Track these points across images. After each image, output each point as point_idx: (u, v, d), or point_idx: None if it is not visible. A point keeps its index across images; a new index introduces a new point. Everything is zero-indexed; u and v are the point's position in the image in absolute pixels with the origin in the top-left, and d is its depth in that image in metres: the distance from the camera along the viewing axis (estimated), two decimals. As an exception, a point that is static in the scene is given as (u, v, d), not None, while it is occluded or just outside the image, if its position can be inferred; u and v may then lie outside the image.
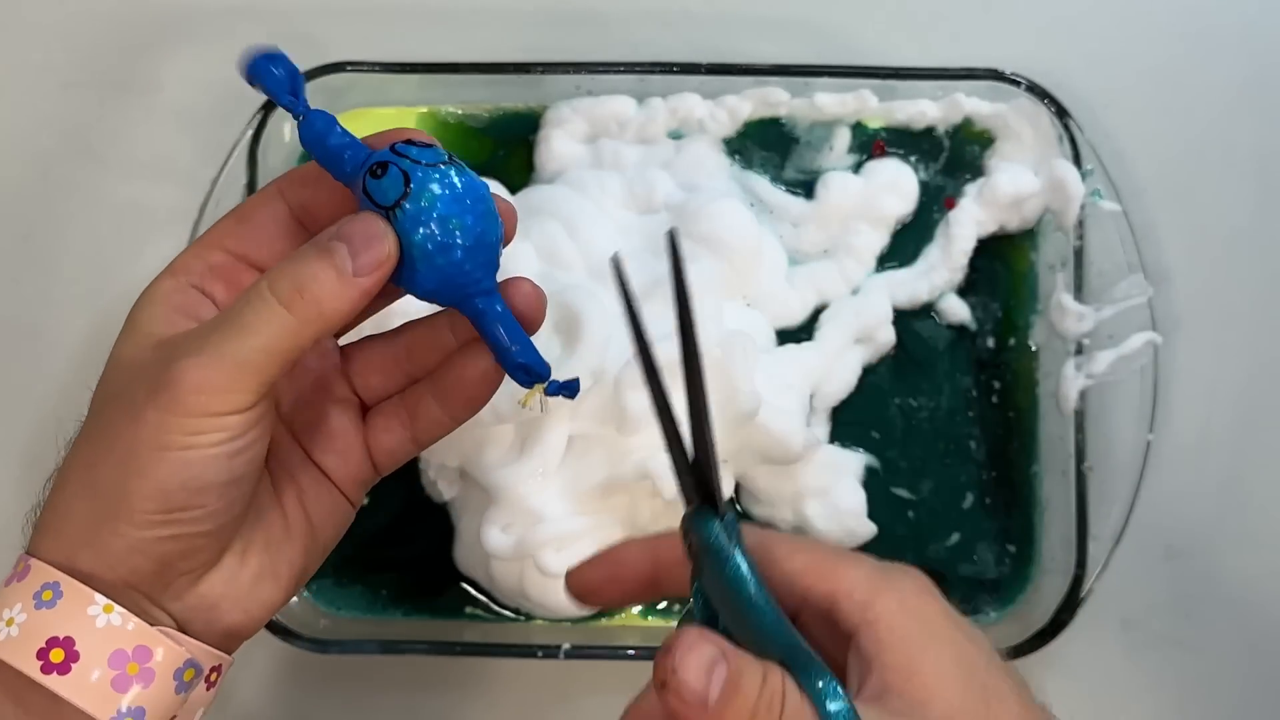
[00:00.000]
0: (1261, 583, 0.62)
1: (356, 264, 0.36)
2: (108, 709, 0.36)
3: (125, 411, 0.36)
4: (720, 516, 0.34)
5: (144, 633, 0.37)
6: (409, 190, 0.36)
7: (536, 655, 0.57)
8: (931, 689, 0.33)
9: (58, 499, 0.38)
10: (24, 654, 0.36)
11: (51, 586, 0.36)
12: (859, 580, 0.35)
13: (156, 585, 0.37)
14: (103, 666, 0.36)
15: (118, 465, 0.36)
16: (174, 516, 0.36)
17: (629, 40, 0.65)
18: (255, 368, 0.36)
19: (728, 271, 0.58)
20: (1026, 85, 0.60)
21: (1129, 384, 0.59)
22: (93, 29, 0.66)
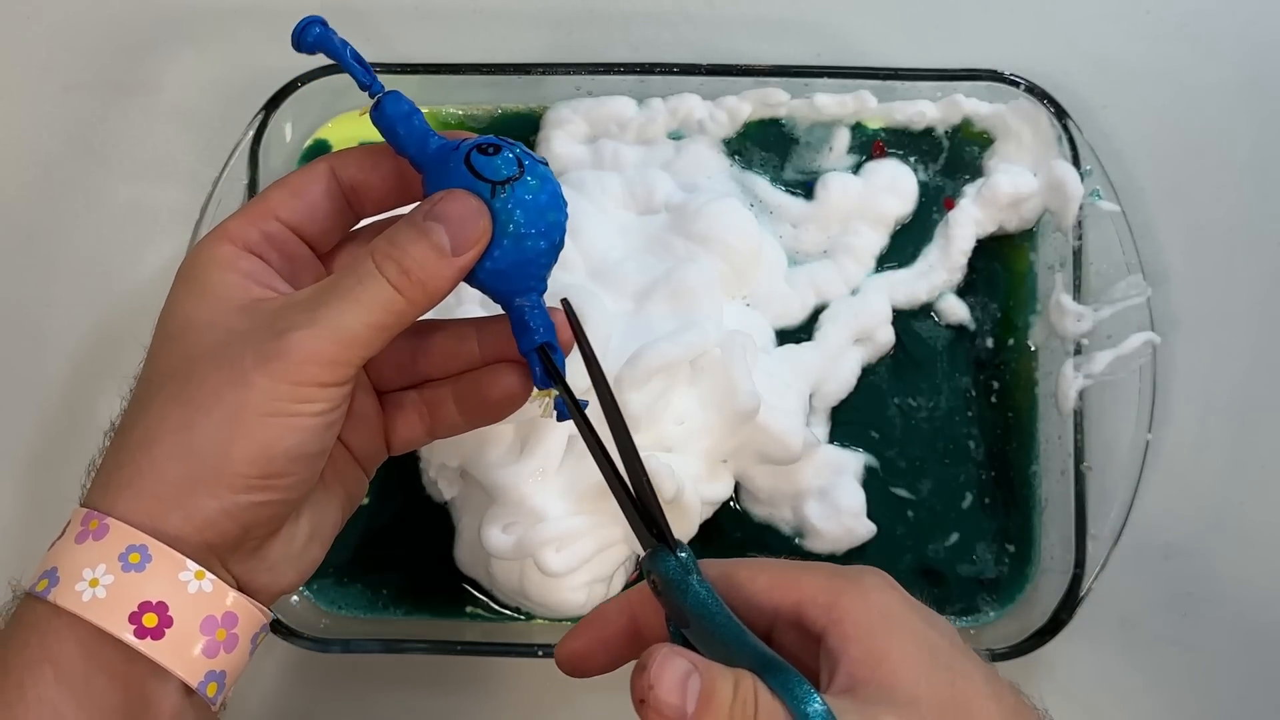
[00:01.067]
0: (1259, 582, 0.62)
1: (454, 242, 0.38)
2: (196, 674, 0.37)
3: (229, 375, 0.37)
4: (673, 552, 0.36)
5: (231, 598, 0.38)
6: (522, 172, 0.38)
7: (537, 654, 0.57)
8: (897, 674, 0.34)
9: (142, 459, 0.38)
10: (115, 617, 0.36)
11: (138, 549, 0.36)
12: (820, 585, 0.36)
13: (231, 548, 0.38)
14: (194, 632, 0.37)
15: (219, 428, 0.37)
16: (270, 483, 0.37)
17: (629, 41, 0.65)
18: (362, 342, 0.37)
19: (727, 271, 0.58)
20: (1025, 86, 0.60)
21: (1127, 384, 0.59)
22: (94, 30, 0.66)
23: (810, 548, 0.59)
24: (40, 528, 0.63)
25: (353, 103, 0.62)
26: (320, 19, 0.42)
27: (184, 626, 0.36)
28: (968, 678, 0.35)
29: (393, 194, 0.42)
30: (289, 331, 0.37)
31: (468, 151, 0.39)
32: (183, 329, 0.40)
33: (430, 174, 0.40)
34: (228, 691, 0.39)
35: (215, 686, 0.37)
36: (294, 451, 0.38)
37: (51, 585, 0.37)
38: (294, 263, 0.42)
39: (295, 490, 0.39)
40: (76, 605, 0.36)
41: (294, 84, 0.60)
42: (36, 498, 0.63)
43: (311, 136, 0.63)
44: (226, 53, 0.65)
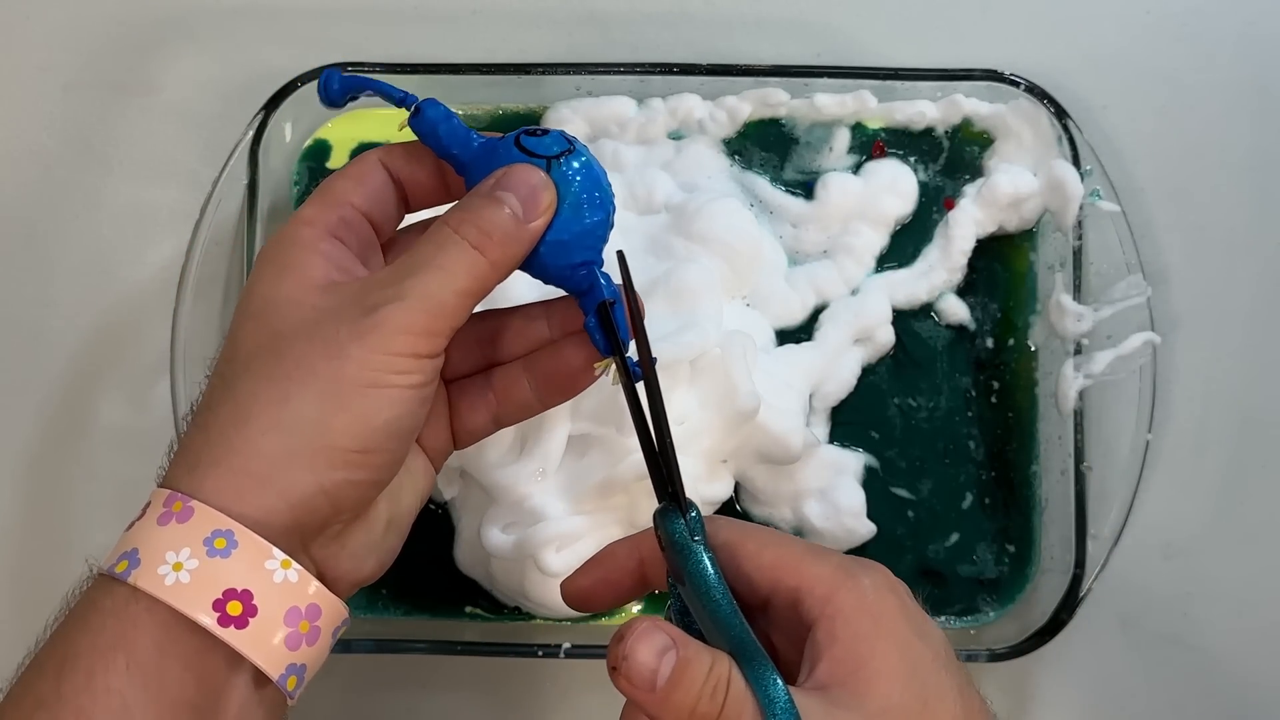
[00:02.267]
0: (1259, 582, 0.62)
1: (526, 210, 0.39)
2: (278, 666, 0.36)
3: (323, 349, 0.37)
4: (684, 513, 0.37)
5: (317, 591, 0.37)
6: (573, 148, 0.40)
7: (537, 654, 0.57)
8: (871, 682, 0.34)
9: (235, 436, 0.37)
10: (199, 603, 0.35)
11: (224, 535, 0.35)
12: (823, 576, 0.37)
13: (317, 530, 0.38)
14: (278, 623, 0.36)
15: (317, 401, 0.36)
16: (368, 458, 0.37)
17: (629, 41, 0.65)
18: (451, 310, 0.38)
19: (727, 271, 0.58)
20: (1025, 86, 0.60)
21: (1128, 384, 0.59)
22: (94, 30, 0.66)
23: (810, 548, 0.59)
24: (40, 527, 0.63)
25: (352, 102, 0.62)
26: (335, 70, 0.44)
27: (268, 616, 0.36)
28: (940, 696, 0.36)
29: (436, 192, 0.43)
30: (380, 306, 0.37)
31: (516, 136, 0.41)
32: (268, 306, 0.39)
33: (476, 167, 0.41)
34: (305, 685, 0.38)
35: (295, 680, 0.37)
36: (392, 425, 0.37)
37: (132, 567, 0.36)
38: (367, 248, 0.43)
39: (388, 470, 0.39)
40: (159, 589, 0.35)
41: (294, 84, 0.60)
42: (36, 498, 0.63)
43: (311, 136, 0.63)
44: (226, 53, 0.65)
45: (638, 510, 0.56)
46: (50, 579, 0.62)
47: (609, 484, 0.55)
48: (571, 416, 0.54)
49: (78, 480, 0.63)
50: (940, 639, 0.38)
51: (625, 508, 0.56)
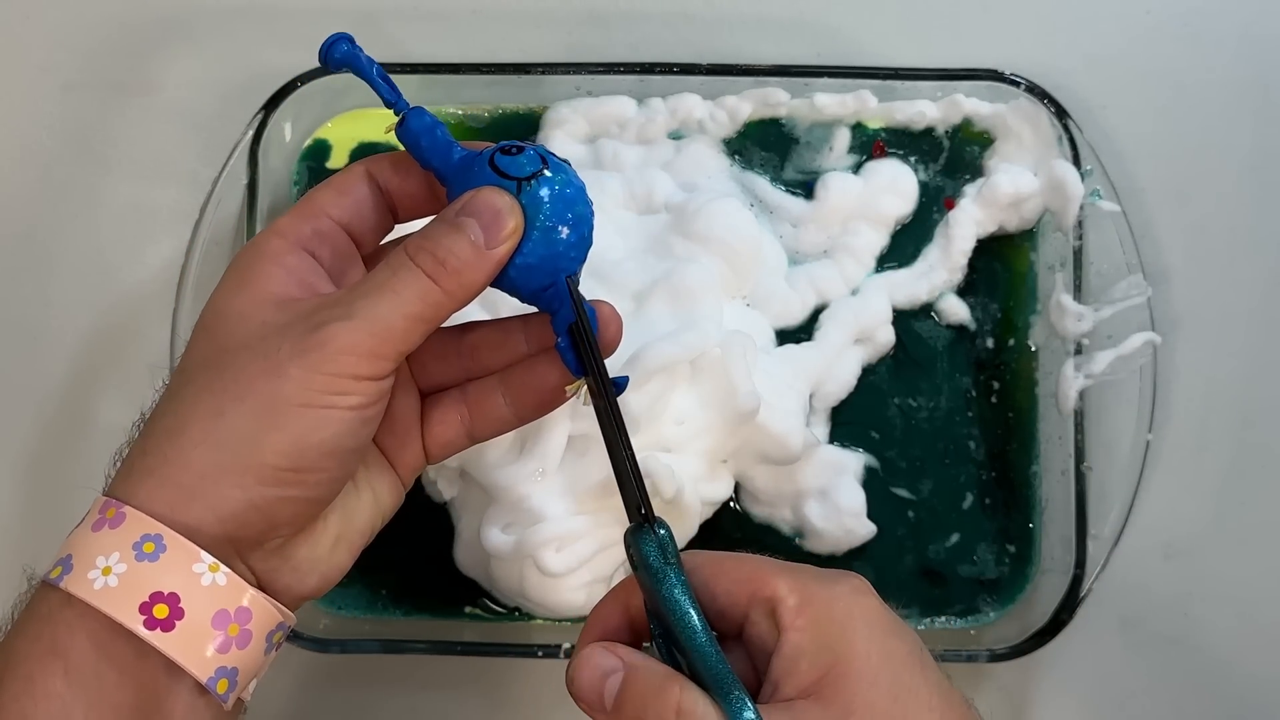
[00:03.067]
0: (1260, 582, 0.62)
1: (488, 236, 0.38)
2: (206, 669, 0.36)
3: (263, 366, 0.37)
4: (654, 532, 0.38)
5: (245, 593, 0.37)
6: (545, 166, 0.39)
7: (536, 654, 0.57)
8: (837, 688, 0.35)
9: (168, 447, 0.37)
10: (125, 606, 0.35)
11: (153, 539, 0.36)
12: (795, 586, 0.37)
13: (254, 544, 0.38)
14: (206, 626, 0.36)
15: (251, 417, 0.36)
16: (301, 477, 0.37)
17: (629, 41, 0.65)
18: (400, 334, 0.37)
19: (727, 271, 0.58)
20: (1026, 86, 0.60)
21: (1128, 384, 0.59)
22: (93, 30, 0.66)
23: (810, 548, 0.59)
24: (40, 528, 0.63)
25: (352, 102, 0.62)
26: (348, 36, 0.42)
27: (195, 619, 0.36)
28: (913, 692, 0.36)
29: (424, 203, 0.43)
30: (325, 324, 0.37)
31: (491, 154, 0.40)
32: (219, 319, 0.39)
33: (455, 182, 0.40)
34: (241, 690, 0.38)
35: (226, 684, 0.37)
36: (327, 445, 0.37)
37: (65, 572, 0.36)
38: (343, 260, 0.42)
39: (325, 488, 0.38)
40: (88, 593, 0.35)
41: (294, 84, 0.60)
42: (36, 498, 0.63)
43: (311, 136, 0.63)
44: (226, 53, 0.65)
45: (637, 510, 0.56)
46: (50, 579, 0.63)
47: (609, 484, 0.54)
48: (571, 416, 0.54)
49: (78, 480, 0.63)
50: (916, 640, 0.38)
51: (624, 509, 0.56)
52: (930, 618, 0.60)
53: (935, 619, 0.60)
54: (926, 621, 0.60)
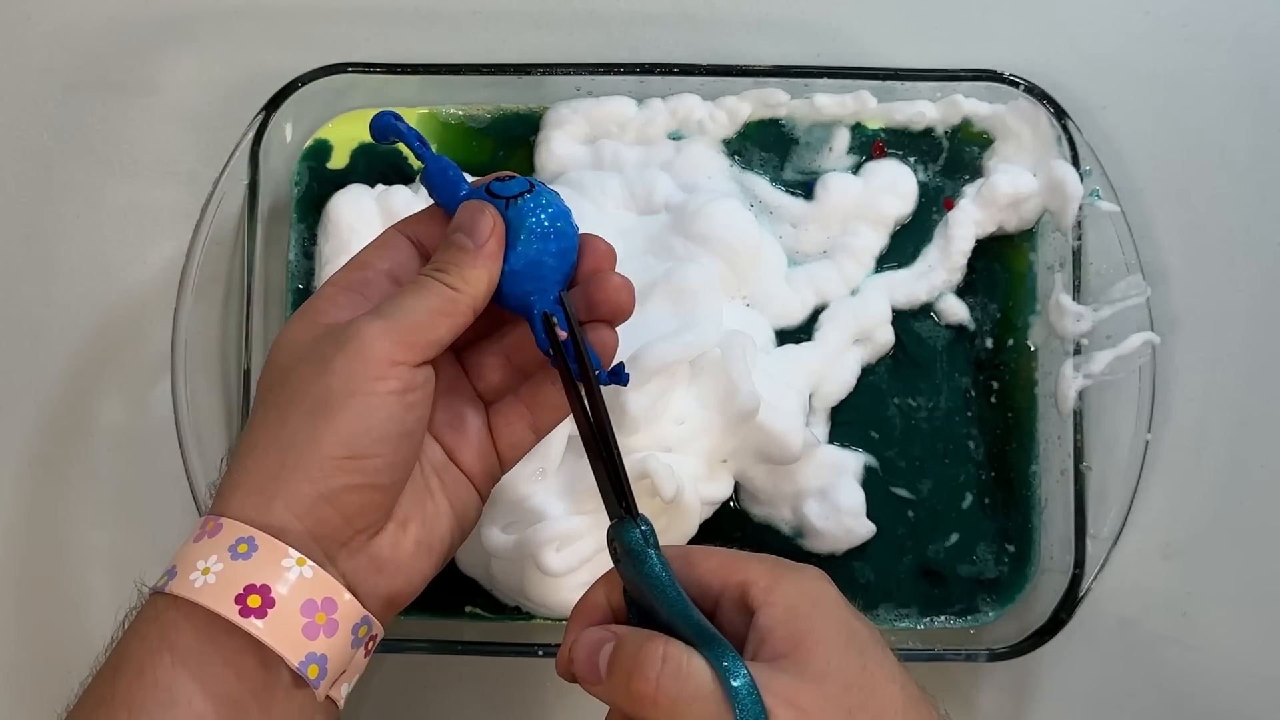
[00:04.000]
0: (1259, 582, 0.63)
1: (473, 236, 0.43)
2: (297, 653, 0.39)
3: (313, 369, 0.41)
4: (638, 525, 0.40)
5: (331, 586, 0.40)
6: (532, 189, 0.45)
7: (537, 654, 0.57)
8: (814, 652, 0.38)
9: (248, 460, 0.41)
10: (222, 599, 0.39)
11: (246, 540, 0.40)
12: (764, 570, 0.40)
13: (336, 541, 0.41)
14: (295, 613, 0.39)
15: (307, 415, 0.41)
16: (357, 464, 0.40)
17: (629, 41, 0.65)
18: (424, 324, 0.42)
19: (727, 272, 0.58)
20: (1025, 86, 0.60)
21: (1127, 384, 0.59)
22: (94, 30, 0.66)
23: (810, 548, 0.59)
24: (41, 528, 0.63)
25: (353, 103, 0.62)
26: (394, 113, 0.48)
27: (285, 608, 0.39)
28: (879, 664, 0.39)
29: None
30: (361, 324, 0.42)
31: (488, 184, 0.45)
32: (279, 348, 0.44)
33: None
34: (332, 680, 0.41)
35: (316, 669, 0.39)
36: (376, 430, 0.40)
37: (170, 579, 0.40)
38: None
39: (384, 474, 0.41)
40: (189, 591, 0.39)
41: (294, 84, 0.60)
42: (36, 498, 0.63)
43: (311, 136, 0.63)
44: (226, 53, 0.65)
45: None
46: (50, 579, 0.63)
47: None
48: (571, 417, 0.54)
49: (78, 480, 0.63)
50: (874, 628, 0.41)
51: (625, 507, 0.56)
52: (930, 617, 0.60)
53: (935, 619, 0.60)
54: (926, 621, 0.60)
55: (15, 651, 0.63)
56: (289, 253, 0.62)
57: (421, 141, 0.47)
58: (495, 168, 0.62)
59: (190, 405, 0.58)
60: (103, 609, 0.62)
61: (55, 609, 0.63)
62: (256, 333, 0.59)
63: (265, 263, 0.60)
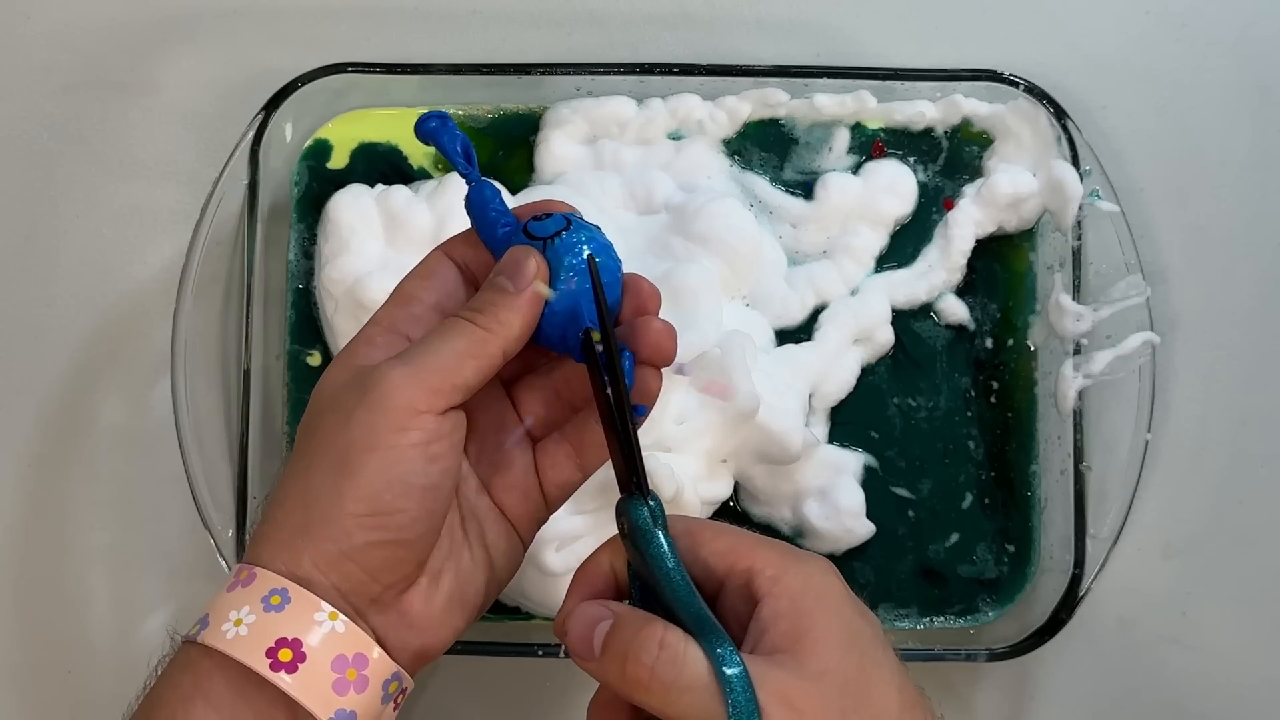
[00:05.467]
0: (1259, 582, 0.63)
1: (516, 283, 0.42)
2: (326, 710, 0.39)
3: (337, 420, 0.41)
4: (647, 503, 0.40)
5: (362, 641, 0.40)
6: (569, 226, 0.43)
7: (537, 654, 0.57)
8: (813, 649, 0.38)
9: (278, 513, 0.41)
10: (254, 652, 0.38)
11: (279, 592, 0.39)
12: (772, 559, 0.40)
13: (365, 596, 0.40)
14: (326, 668, 0.39)
15: (330, 469, 0.40)
16: (380, 520, 0.40)
17: (629, 41, 0.65)
18: (449, 368, 0.41)
19: (727, 271, 0.58)
20: (1025, 86, 0.60)
21: (1127, 384, 0.59)
22: (94, 30, 0.66)
23: (810, 547, 0.59)
24: (41, 528, 0.63)
25: (353, 103, 0.62)
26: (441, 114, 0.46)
27: (316, 662, 0.39)
28: (878, 665, 0.39)
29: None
30: (384, 372, 0.40)
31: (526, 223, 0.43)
32: (317, 392, 0.43)
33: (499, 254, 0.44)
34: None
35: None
36: (397, 486, 0.40)
37: (202, 628, 0.40)
38: None
39: (409, 530, 0.40)
40: (221, 642, 0.39)
41: (294, 84, 0.60)
42: (36, 498, 0.63)
43: (311, 136, 0.63)
44: (226, 53, 0.65)
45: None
46: (50, 579, 0.63)
47: (609, 484, 0.54)
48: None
49: (78, 480, 0.63)
50: (878, 625, 0.41)
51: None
52: (930, 617, 0.60)
53: (935, 619, 0.60)
54: (926, 621, 0.60)
55: (15, 651, 0.63)
56: (289, 253, 0.62)
57: (469, 158, 0.46)
58: (495, 167, 0.62)
59: (190, 405, 0.58)
60: (103, 609, 0.62)
61: (55, 609, 0.63)
62: (256, 333, 0.59)
63: (265, 263, 0.60)
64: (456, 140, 0.46)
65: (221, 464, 0.60)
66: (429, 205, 0.59)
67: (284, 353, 0.61)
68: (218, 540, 0.57)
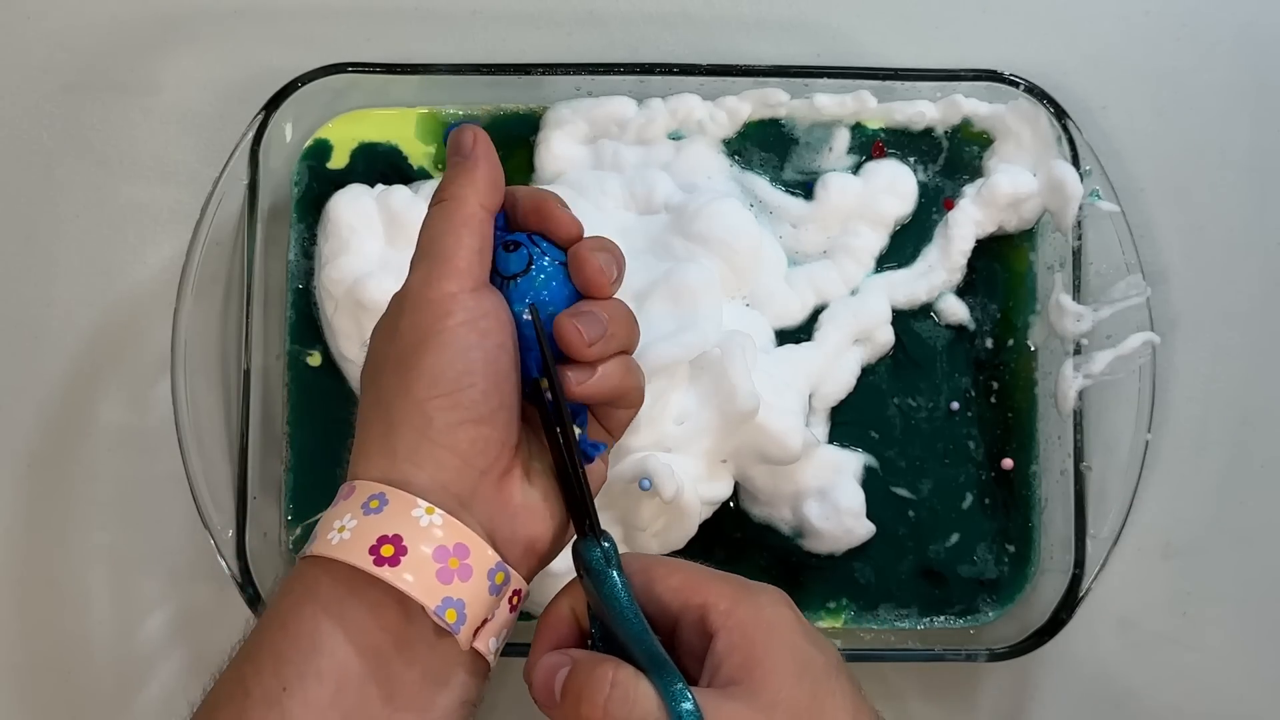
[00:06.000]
0: (1259, 582, 0.63)
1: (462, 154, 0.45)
2: (433, 598, 0.40)
3: (387, 335, 0.43)
4: (600, 544, 0.42)
5: (461, 532, 0.41)
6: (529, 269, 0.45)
7: (537, 654, 0.57)
8: (765, 680, 0.39)
9: (362, 432, 0.43)
10: (357, 551, 0.40)
11: (377, 497, 0.41)
12: (725, 593, 0.41)
13: (464, 486, 0.42)
14: (428, 560, 0.40)
15: (395, 373, 0.42)
16: (453, 398, 0.41)
17: (629, 41, 0.65)
18: (454, 247, 0.43)
19: (727, 272, 0.58)
20: (1025, 86, 0.60)
21: (1127, 384, 0.59)
22: (94, 30, 0.66)
23: (810, 548, 0.59)
24: (40, 527, 0.63)
25: (353, 103, 0.62)
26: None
27: (417, 554, 0.40)
28: (830, 694, 0.40)
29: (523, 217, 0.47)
30: (409, 281, 0.44)
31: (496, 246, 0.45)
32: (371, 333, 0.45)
33: None
34: (473, 627, 0.41)
35: (454, 614, 0.40)
36: (458, 362, 0.41)
37: (310, 542, 0.42)
38: None
39: (481, 404, 0.42)
40: (326, 549, 0.40)
41: (294, 84, 0.60)
42: (36, 498, 0.63)
43: (311, 136, 0.63)
44: (226, 53, 0.65)
45: (637, 511, 0.56)
46: (50, 579, 0.63)
47: (609, 484, 0.54)
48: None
49: (78, 480, 0.63)
50: (833, 652, 0.42)
51: (624, 508, 0.56)
52: (930, 617, 0.60)
53: (935, 619, 0.60)
54: (926, 621, 0.60)
55: (15, 651, 0.63)
56: (289, 253, 0.62)
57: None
58: (495, 168, 0.62)
59: (190, 405, 0.58)
60: (103, 609, 0.62)
61: (55, 609, 0.63)
62: (256, 333, 0.59)
63: (265, 263, 0.60)
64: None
65: (221, 464, 0.60)
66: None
67: (284, 353, 0.61)
68: (218, 540, 0.57)
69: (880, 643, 0.59)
